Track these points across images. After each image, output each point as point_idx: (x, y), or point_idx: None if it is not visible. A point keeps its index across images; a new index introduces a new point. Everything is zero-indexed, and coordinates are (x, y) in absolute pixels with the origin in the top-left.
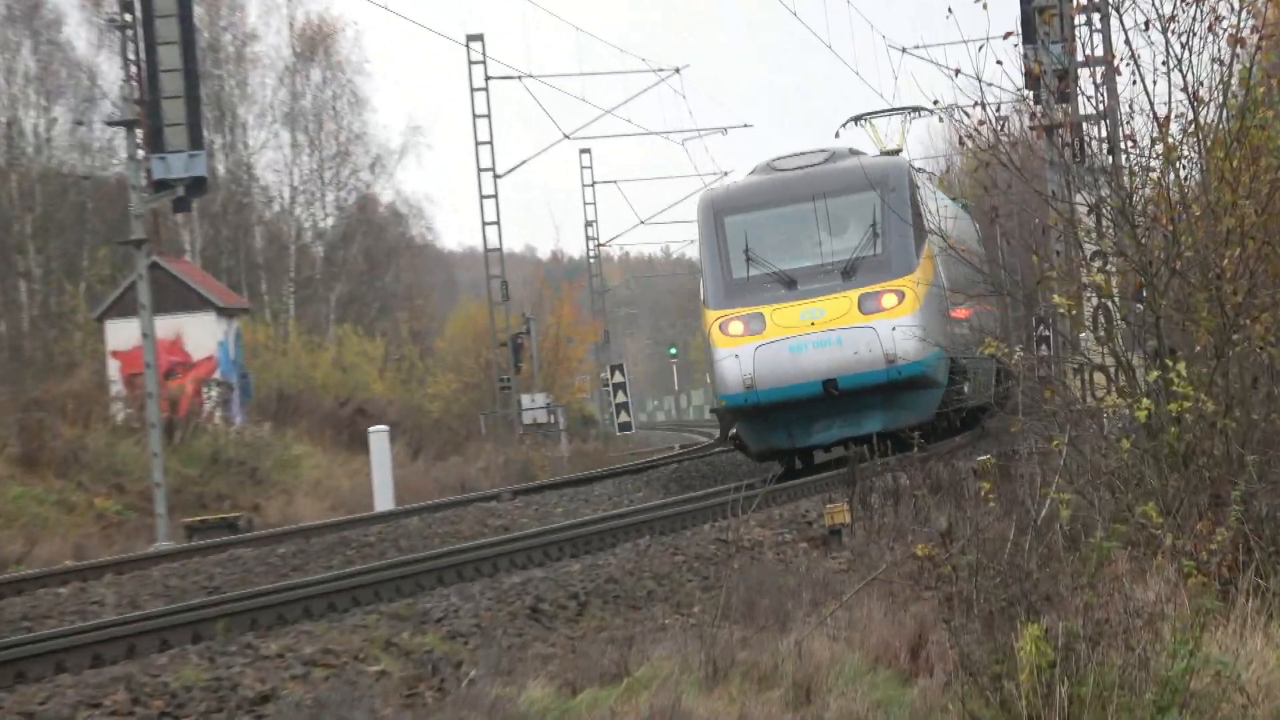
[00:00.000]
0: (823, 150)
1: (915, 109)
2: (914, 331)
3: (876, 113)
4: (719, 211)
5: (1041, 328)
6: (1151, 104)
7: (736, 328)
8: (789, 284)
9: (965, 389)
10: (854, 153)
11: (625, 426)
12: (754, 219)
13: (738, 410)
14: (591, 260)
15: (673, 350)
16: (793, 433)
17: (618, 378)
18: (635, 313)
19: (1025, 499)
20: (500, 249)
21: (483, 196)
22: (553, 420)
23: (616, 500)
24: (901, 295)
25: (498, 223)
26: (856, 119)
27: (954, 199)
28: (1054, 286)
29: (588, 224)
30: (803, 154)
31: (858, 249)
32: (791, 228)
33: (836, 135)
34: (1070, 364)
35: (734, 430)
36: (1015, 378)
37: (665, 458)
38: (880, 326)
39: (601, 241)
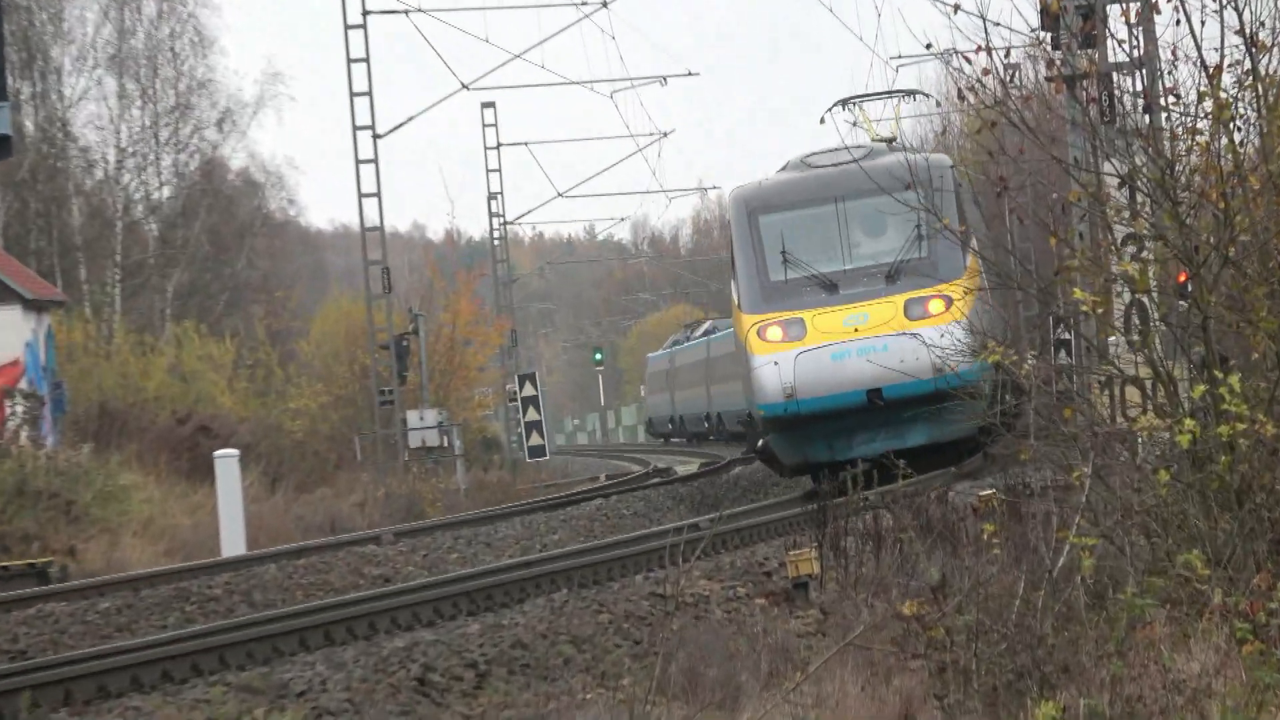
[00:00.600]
0: (860, 146)
1: (909, 92)
2: (963, 340)
3: (867, 95)
4: (753, 210)
5: (1060, 329)
6: (1199, 50)
7: (775, 333)
8: (830, 287)
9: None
10: (892, 148)
11: (537, 451)
12: (791, 218)
13: (774, 421)
14: (496, 242)
15: (598, 355)
16: (833, 445)
17: (528, 390)
18: (552, 308)
19: (1038, 545)
20: (381, 228)
21: (359, 161)
22: (446, 443)
23: (526, 544)
24: (949, 301)
25: (378, 195)
26: (844, 102)
27: (950, 166)
28: (1076, 278)
29: (491, 196)
30: (838, 149)
31: (902, 251)
32: (831, 228)
33: (821, 121)
34: (1096, 375)
35: (761, 442)
36: (1026, 392)
37: (588, 490)
38: (928, 334)
39: (509, 219)
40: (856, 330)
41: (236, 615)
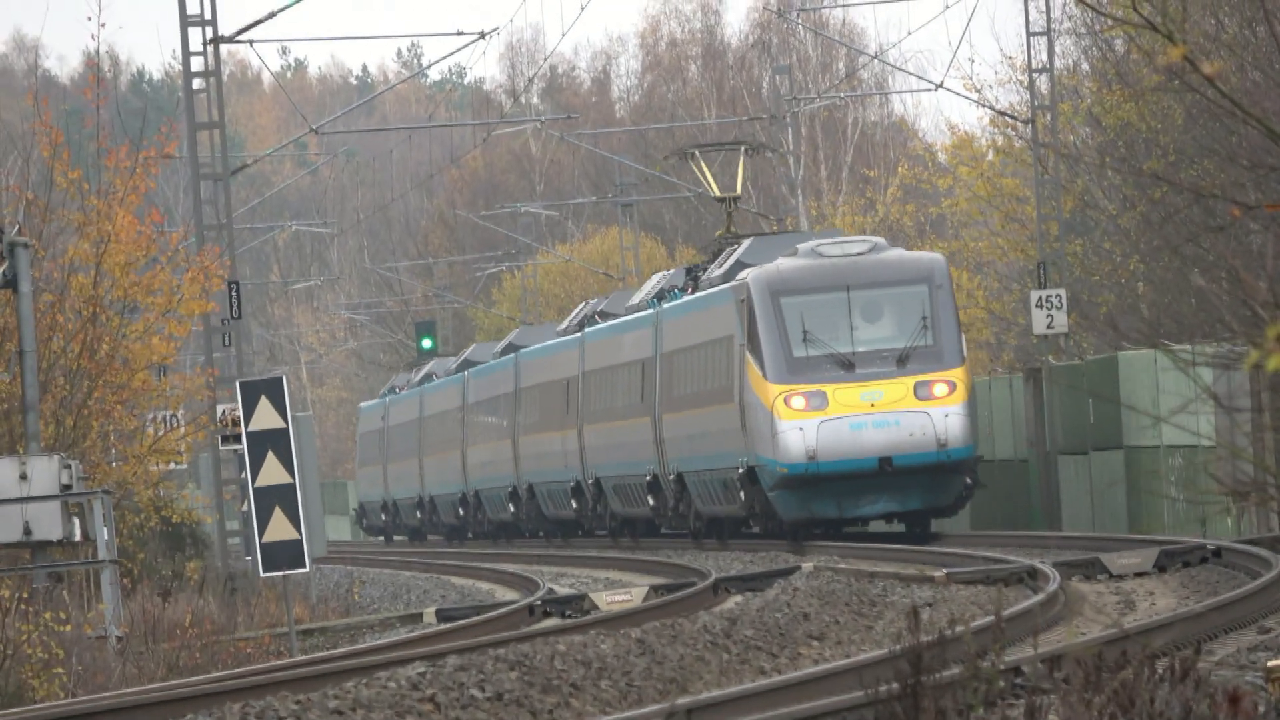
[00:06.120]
0: (863, 239)
1: (756, 147)
2: (963, 420)
3: (711, 146)
4: (776, 292)
5: None
6: None
7: (799, 403)
8: (847, 366)
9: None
10: (891, 245)
11: (282, 555)
12: (810, 302)
13: (792, 478)
14: (198, 87)
15: (427, 342)
16: (842, 503)
17: (265, 419)
18: (325, 233)
19: None
20: None
21: None
22: (81, 534)
23: None
24: (953, 386)
25: None
26: (683, 154)
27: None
28: None
29: None
30: (844, 241)
31: (911, 338)
32: (846, 313)
33: (660, 165)
34: None
35: (755, 502)
36: None
37: (398, 644)
38: (934, 413)
39: (225, 32)
40: (872, 405)
41: None
